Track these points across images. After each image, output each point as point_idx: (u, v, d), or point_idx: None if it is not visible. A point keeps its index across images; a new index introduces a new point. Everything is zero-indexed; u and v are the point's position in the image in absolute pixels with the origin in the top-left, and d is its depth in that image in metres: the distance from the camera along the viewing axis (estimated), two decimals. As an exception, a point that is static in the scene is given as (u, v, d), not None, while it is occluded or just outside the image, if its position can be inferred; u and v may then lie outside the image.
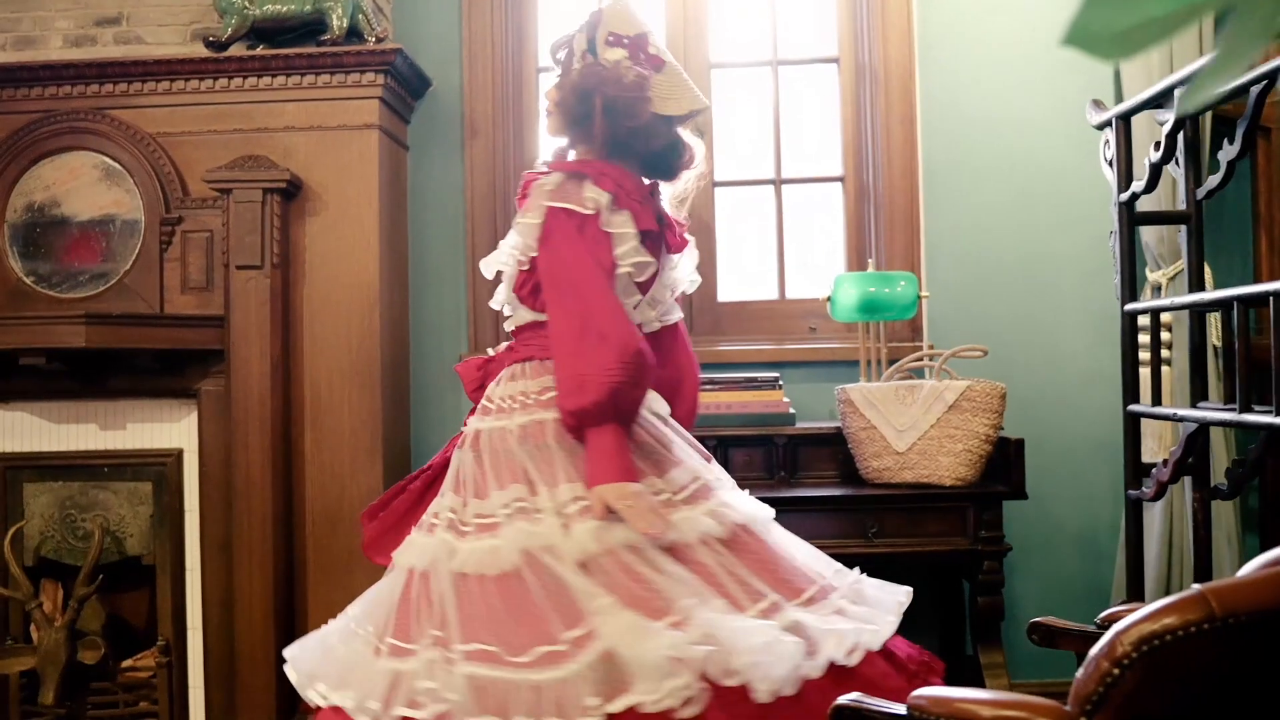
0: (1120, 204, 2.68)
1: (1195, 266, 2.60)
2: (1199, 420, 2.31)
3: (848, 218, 3.86)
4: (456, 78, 3.80)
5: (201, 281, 3.44)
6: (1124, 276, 2.71)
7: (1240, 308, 2.13)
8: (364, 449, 3.44)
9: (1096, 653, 1.42)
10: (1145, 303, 2.71)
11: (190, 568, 3.50)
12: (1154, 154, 2.48)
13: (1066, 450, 3.64)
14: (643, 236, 2.28)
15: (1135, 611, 1.43)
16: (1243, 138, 2.27)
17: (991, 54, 3.72)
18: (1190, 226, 2.55)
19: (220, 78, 3.46)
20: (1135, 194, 2.60)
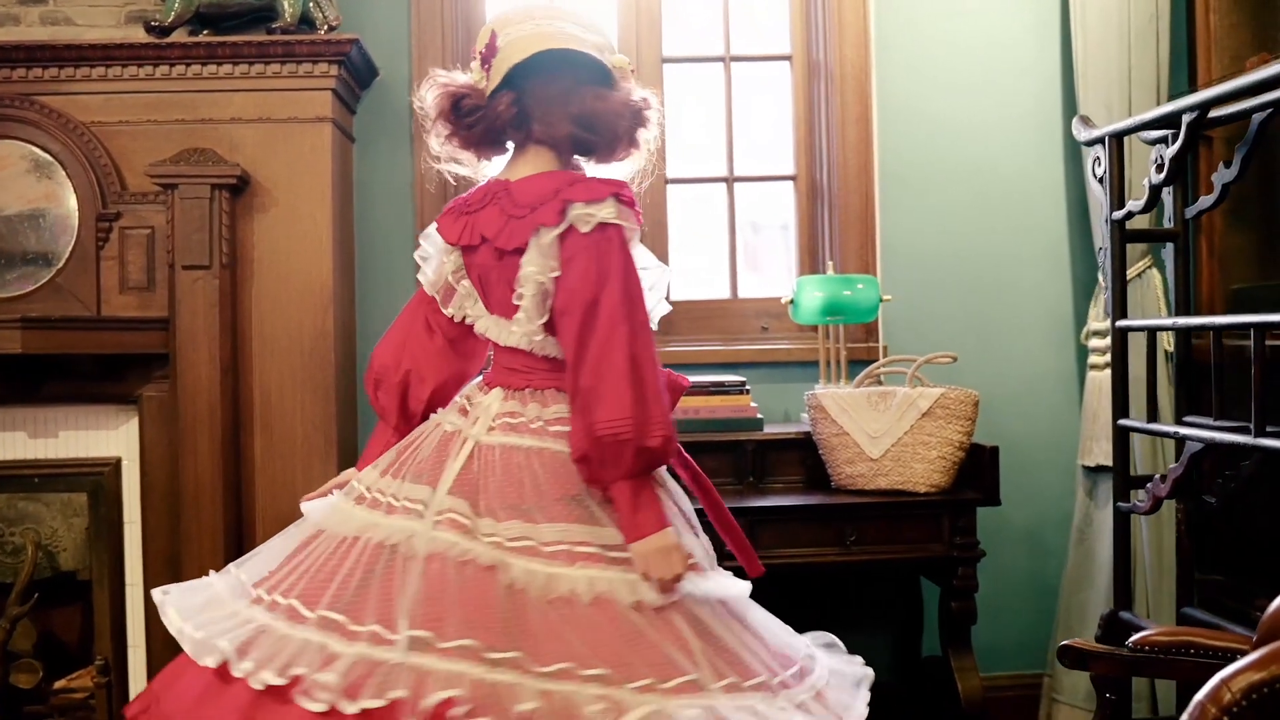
0: (1113, 222, 2.71)
1: (1183, 285, 2.65)
2: (1205, 441, 2.35)
3: (800, 217, 3.85)
4: (405, 68, 3.66)
5: (142, 281, 3.26)
6: (1115, 293, 2.75)
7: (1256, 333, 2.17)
8: (318, 455, 3.30)
9: (1202, 698, 1.43)
10: (1142, 320, 2.75)
11: (131, 583, 3.33)
12: (1155, 175, 2.51)
13: (1016, 449, 3.70)
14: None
15: (1241, 658, 1.44)
16: (1241, 163, 2.32)
17: (949, 55, 3.74)
18: (1178, 245, 2.60)
19: (161, 64, 3.26)
20: (1131, 213, 2.63)
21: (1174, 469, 2.45)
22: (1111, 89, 3.34)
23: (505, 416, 2.16)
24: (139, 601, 3.31)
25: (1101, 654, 2.02)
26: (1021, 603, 3.72)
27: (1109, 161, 2.72)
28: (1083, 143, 2.89)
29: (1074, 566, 3.46)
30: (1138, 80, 3.34)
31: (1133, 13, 3.32)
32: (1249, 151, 2.31)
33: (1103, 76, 3.37)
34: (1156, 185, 2.51)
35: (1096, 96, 3.38)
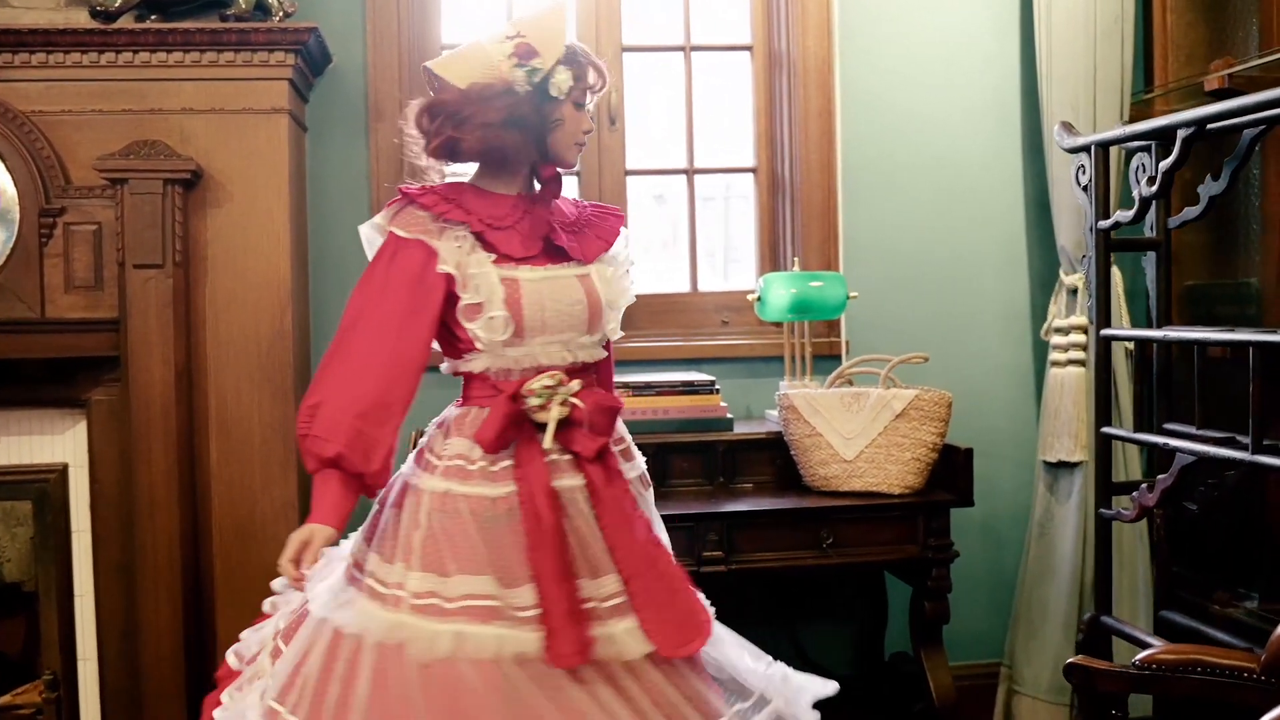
0: (1098, 231, 2.73)
1: (1163, 294, 2.68)
2: (1198, 454, 2.38)
3: (760, 210, 3.82)
4: (359, 55, 3.53)
5: (90, 280, 3.10)
6: (1099, 302, 2.76)
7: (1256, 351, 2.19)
8: (276, 460, 3.20)
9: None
10: (1127, 330, 2.77)
11: (81, 594, 3.20)
12: (1146, 187, 2.52)
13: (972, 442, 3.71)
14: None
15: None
16: (1230, 176, 2.34)
17: (911, 48, 3.72)
18: (1159, 254, 2.62)
19: (108, 51, 3.10)
20: (1119, 223, 2.65)
21: (1163, 479, 2.48)
22: (1079, 89, 3.36)
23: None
24: (89, 613, 3.19)
25: (1110, 672, 2.03)
26: (977, 594, 3.76)
27: (1094, 170, 2.73)
28: (1066, 149, 2.90)
29: (1034, 561, 3.51)
30: (1103, 81, 3.36)
31: (1099, 13, 3.34)
32: (1238, 166, 2.33)
33: (1069, 76, 3.38)
34: (1147, 197, 2.53)
35: (1062, 97, 3.40)
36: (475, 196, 2.27)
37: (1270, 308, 3.17)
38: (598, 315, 2.23)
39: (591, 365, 2.27)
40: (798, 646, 3.61)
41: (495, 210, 2.27)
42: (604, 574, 2.10)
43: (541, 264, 2.22)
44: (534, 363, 2.18)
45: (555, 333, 2.19)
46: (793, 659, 3.61)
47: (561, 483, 2.12)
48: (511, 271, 2.18)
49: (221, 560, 3.18)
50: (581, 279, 2.23)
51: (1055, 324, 3.49)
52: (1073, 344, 3.42)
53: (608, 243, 2.31)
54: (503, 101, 2.18)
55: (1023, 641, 3.49)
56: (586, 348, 2.23)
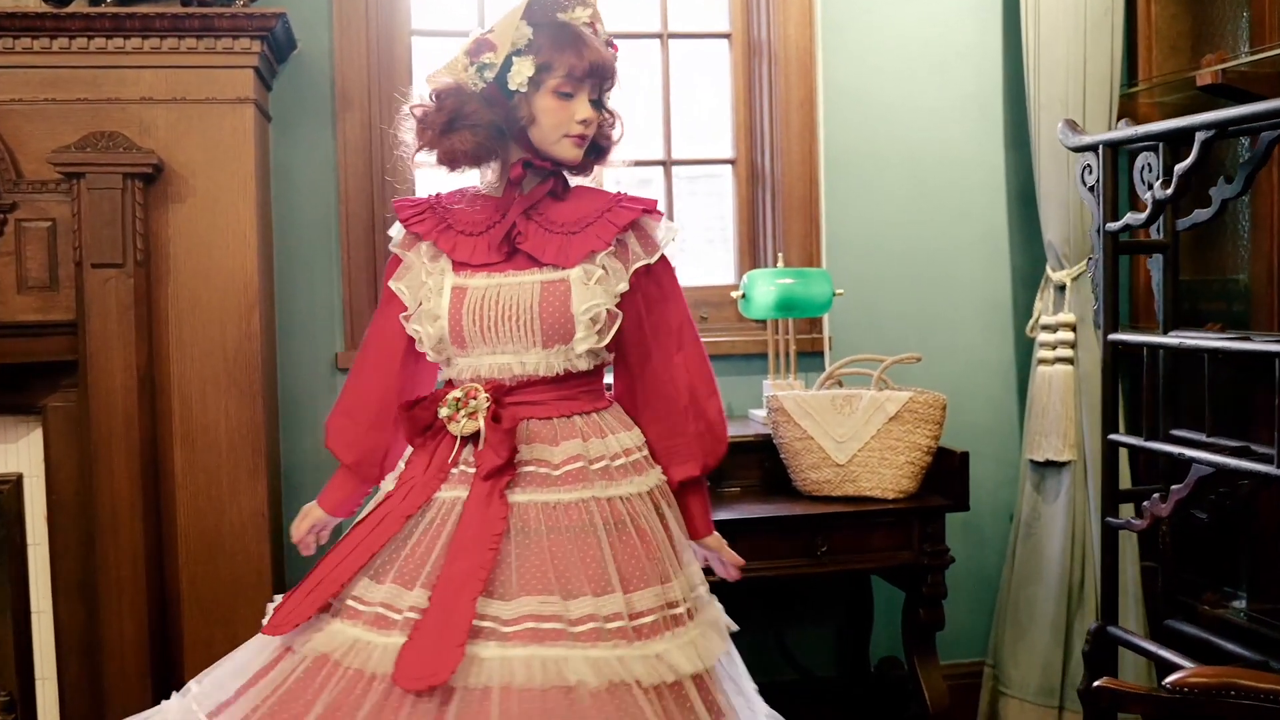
0: (1106, 233, 2.66)
1: (1170, 298, 2.63)
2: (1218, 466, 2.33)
3: (739, 202, 3.72)
4: (326, 40, 3.37)
5: (44, 280, 2.93)
6: (1106, 305, 2.70)
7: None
8: (245, 467, 3.05)
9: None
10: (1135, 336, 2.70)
11: (38, 610, 3.04)
12: (1160, 190, 2.46)
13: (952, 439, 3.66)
14: None
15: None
16: (1245, 179, 2.28)
17: (895, 38, 3.64)
18: (1166, 257, 2.56)
19: (60, 36, 2.91)
20: (1130, 225, 2.58)
21: (1178, 490, 2.43)
22: (1069, 83, 3.30)
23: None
24: (47, 631, 3.03)
25: (1140, 695, 1.97)
26: (958, 592, 3.69)
27: (1102, 171, 2.67)
28: (1071, 148, 2.83)
29: (1021, 562, 3.46)
30: (1093, 74, 3.30)
31: (1089, 5, 3.27)
32: (1254, 169, 2.28)
33: (1058, 69, 3.31)
34: (1162, 200, 2.46)
35: (1051, 90, 3.33)
36: (468, 201, 2.23)
37: (1259, 305, 3.14)
38: (559, 326, 2.07)
39: (560, 379, 2.11)
40: (784, 649, 3.55)
41: (477, 215, 2.19)
42: (513, 595, 1.95)
43: (501, 270, 2.12)
44: (474, 374, 2.12)
45: (501, 344, 2.10)
46: (779, 662, 3.60)
47: (444, 494, 2.07)
48: (465, 279, 2.12)
49: (188, 574, 3.03)
50: (548, 285, 2.08)
51: (1042, 321, 3.44)
52: (1061, 341, 3.37)
53: (605, 242, 2.11)
54: (450, 104, 2.12)
55: (1009, 643, 3.45)
56: (545, 361, 2.09)
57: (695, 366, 2.20)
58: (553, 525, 2.02)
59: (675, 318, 2.20)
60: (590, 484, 2.06)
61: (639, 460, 2.15)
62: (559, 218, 2.16)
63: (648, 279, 2.17)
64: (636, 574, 2.00)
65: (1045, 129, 3.37)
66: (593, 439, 2.11)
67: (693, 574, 2.14)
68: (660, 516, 2.12)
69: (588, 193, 2.22)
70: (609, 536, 2.02)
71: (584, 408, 2.14)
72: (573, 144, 2.15)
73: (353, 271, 3.38)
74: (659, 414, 2.19)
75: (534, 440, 2.09)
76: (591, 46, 2.13)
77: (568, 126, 2.13)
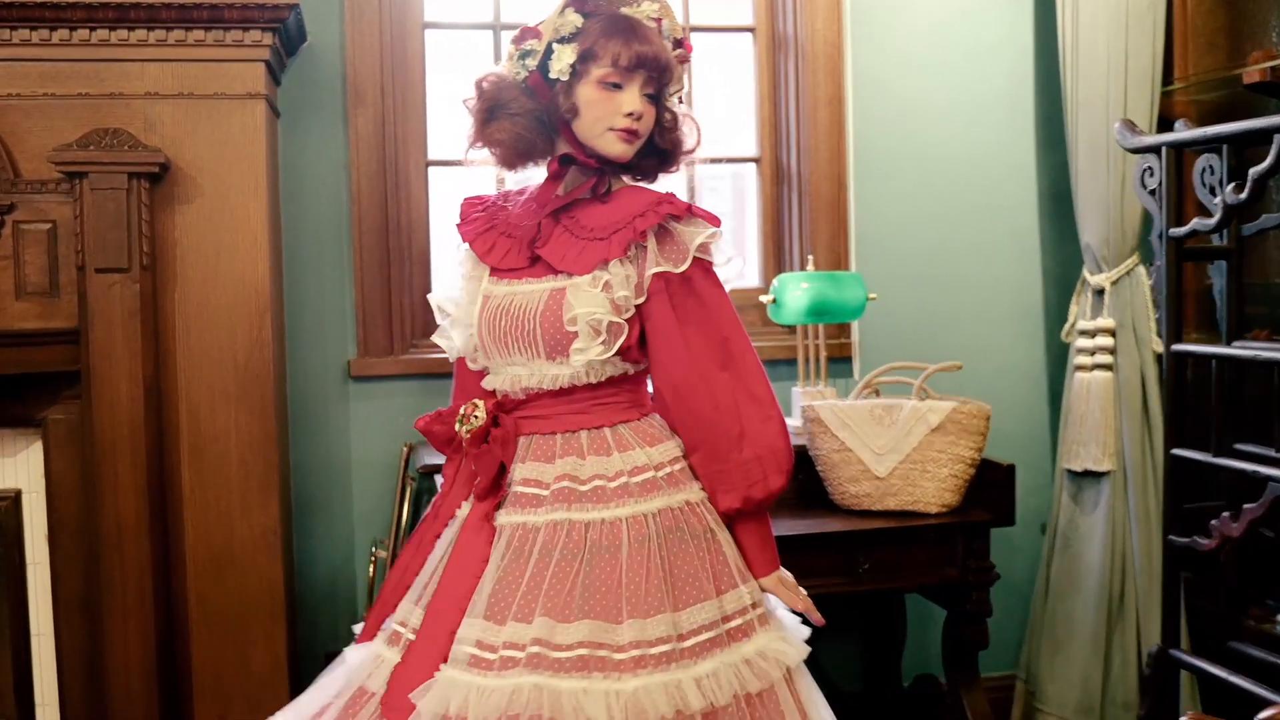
0: (1170, 239, 2.55)
1: (1234, 307, 2.52)
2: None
3: (764, 203, 3.59)
4: (337, 32, 3.22)
5: (44, 285, 2.77)
6: (1170, 315, 2.59)
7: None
8: (256, 481, 2.90)
9: None
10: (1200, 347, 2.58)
11: (38, 633, 2.88)
12: (1232, 194, 2.35)
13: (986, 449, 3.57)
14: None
15: None
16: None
17: (926, 31, 3.51)
18: (1231, 264, 2.45)
19: (60, 28, 2.75)
20: (1196, 231, 2.47)
21: (1252, 509, 2.32)
22: (1110, 81, 3.18)
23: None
24: (48, 654, 2.88)
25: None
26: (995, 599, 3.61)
27: (1165, 174, 2.56)
28: (1130, 150, 2.72)
29: (1058, 574, 3.35)
30: (1134, 71, 3.18)
31: (1130, 1, 3.15)
32: (1332, 174, 2.17)
33: (1097, 67, 3.20)
34: (1234, 205, 2.35)
35: (1090, 88, 3.22)
36: (525, 199, 2.11)
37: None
38: (560, 336, 1.93)
39: (566, 393, 1.97)
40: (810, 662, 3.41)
41: (523, 216, 2.06)
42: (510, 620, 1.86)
43: (520, 276, 2.01)
44: (493, 386, 2.04)
45: (512, 355, 1.99)
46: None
47: (463, 511, 2.03)
48: (492, 286, 2.03)
49: (196, 593, 2.88)
50: (555, 294, 1.95)
51: (1079, 326, 3.33)
52: (1099, 347, 3.26)
53: (620, 249, 1.94)
54: (490, 92, 2.03)
55: (1046, 657, 3.34)
56: (550, 373, 1.96)
57: (745, 386, 1.98)
58: (537, 548, 1.90)
59: (716, 331, 1.98)
60: (569, 506, 1.92)
61: (652, 479, 1.96)
62: (591, 222, 2.01)
63: (681, 288, 1.96)
64: (606, 605, 1.84)
65: (1083, 128, 3.26)
66: (592, 457, 1.96)
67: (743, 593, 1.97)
68: (698, 536, 1.94)
69: (632, 195, 2.04)
70: (584, 562, 1.87)
71: (595, 422, 1.99)
72: (618, 138, 1.99)
73: (365, 275, 3.23)
74: (697, 439, 1.98)
75: (530, 458, 1.98)
76: (644, 38, 1.98)
77: (612, 119, 1.98)
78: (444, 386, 3.26)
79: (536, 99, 2.02)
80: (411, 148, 3.31)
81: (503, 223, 2.09)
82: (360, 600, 3.27)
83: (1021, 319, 3.62)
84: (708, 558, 1.94)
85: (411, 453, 3.17)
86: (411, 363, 3.25)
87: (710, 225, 1.99)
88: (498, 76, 2.05)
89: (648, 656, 1.82)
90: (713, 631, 1.89)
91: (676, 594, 1.88)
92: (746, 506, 1.97)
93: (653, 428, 2.03)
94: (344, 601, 3.28)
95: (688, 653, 1.84)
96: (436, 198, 3.38)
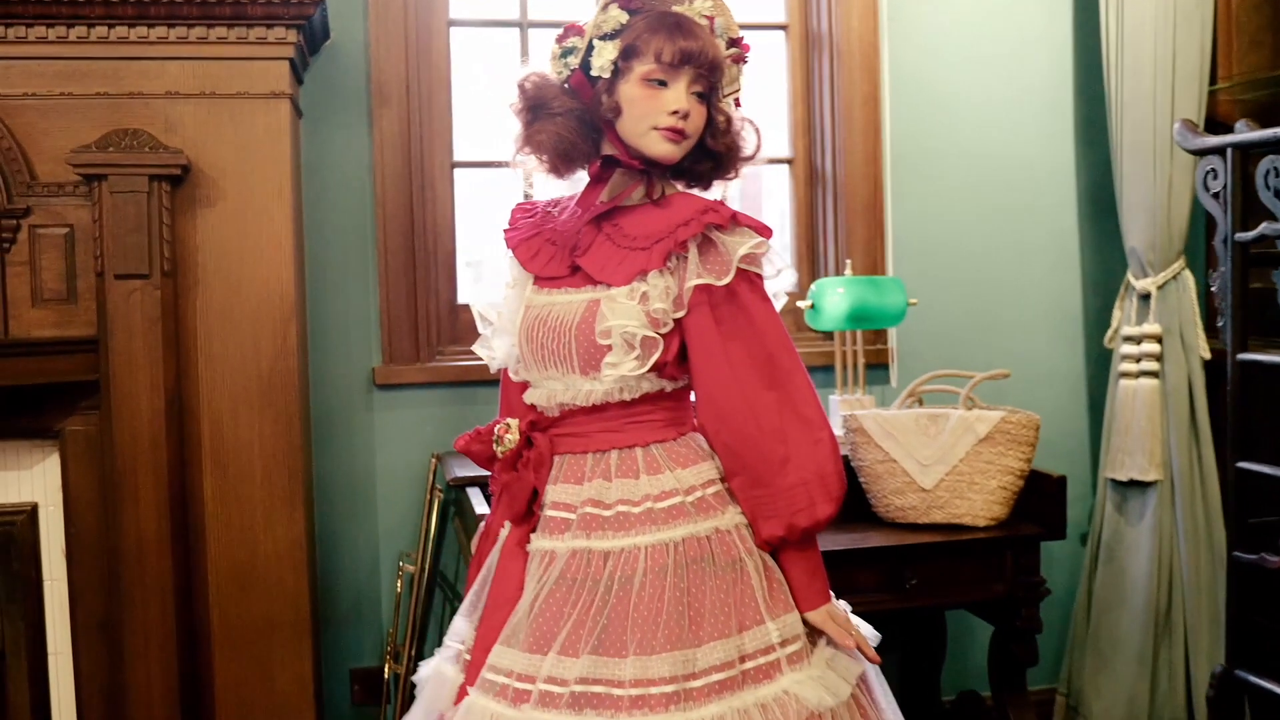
0: (1235, 244, 2.46)
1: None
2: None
3: (796, 206, 3.50)
4: (360, 29, 3.12)
5: (61, 292, 2.67)
6: (1235, 324, 2.49)
7: None
8: (281, 495, 2.80)
9: None
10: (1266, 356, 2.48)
11: (55, 652, 2.79)
12: (1307, 198, 2.26)
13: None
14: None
15: None
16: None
17: (964, 29, 3.42)
18: (1300, 268, 2.37)
19: (78, 24, 2.66)
20: (1265, 236, 2.38)
21: (1327, 529, 2.23)
22: (1156, 80, 3.09)
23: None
24: (66, 674, 2.78)
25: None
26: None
27: (1230, 176, 2.46)
28: (1191, 152, 2.63)
29: (1101, 587, 3.26)
30: (1182, 69, 3.09)
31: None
32: None
33: (1143, 66, 3.10)
34: (1311, 211, 2.26)
35: (1136, 87, 3.12)
36: (572, 206, 1.99)
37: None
38: (594, 349, 1.82)
39: (600, 409, 1.85)
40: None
41: (567, 224, 1.96)
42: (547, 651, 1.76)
43: (560, 286, 1.90)
44: (532, 400, 1.93)
45: (549, 369, 1.88)
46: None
47: (505, 531, 1.94)
48: (534, 295, 1.93)
49: (219, 611, 2.79)
50: (591, 305, 1.84)
51: (1124, 331, 3.24)
52: (1146, 354, 3.17)
53: (659, 259, 1.81)
54: (531, 92, 1.91)
55: (1090, 673, 3.25)
56: (585, 389, 1.84)
57: (792, 406, 1.82)
58: (557, 577, 1.80)
59: (762, 347, 1.83)
60: (590, 534, 1.81)
61: (679, 505, 1.82)
62: (634, 230, 1.88)
63: (725, 301, 1.82)
64: (613, 639, 1.73)
65: (1128, 128, 3.17)
66: (619, 480, 1.84)
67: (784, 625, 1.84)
68: (724, 567, 1.80)
69: (680, 202, 1.91)
70: (603, 594, 1.76)
71: (627, 441, 1.86)
72: (663, 137, 1.85)
73: (390, 279, 3.14)
74: (738, 462, 1.83)
75: (562, 479, 1.88)
76: (692, 33, 1.85)
77: (656, 118, 1.84)
78: (472, 394, 3.18)
79: (579, 99, 1.92)
80: (437, 148, 3.22)
81: (549, 229, 1.99)
82: (386, 615, 3.18)
83: (1060, 323, 3.53)
84: (732, 591, 1.79)
85: (440, 463, 3.08)
86: (438, 370, 3.15)
87: (758, 235, 1.85)
88: (540, 77, 1.94)
89: (649, 696, 1.69)
90: (726, 672, 1.74)
91: (694, 629, 1.75)
92: (790, 536, 1.81)
93: (688, 449, 1.89)
94: (369, 616, 3.18)
95: (696, 694, 1.71)
96: (462, 200, 3.28)
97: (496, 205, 3.42)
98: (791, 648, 1.80)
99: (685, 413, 1.94)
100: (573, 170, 1.98)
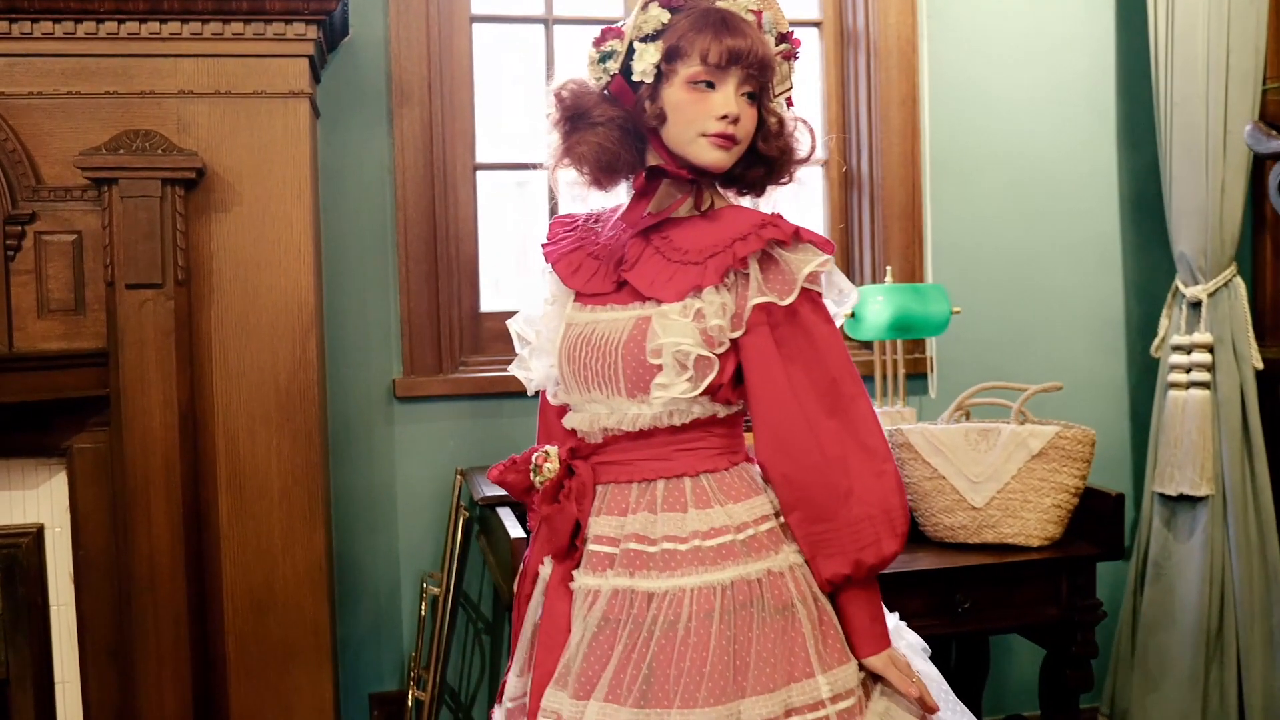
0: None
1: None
2: None
3: (831, 209, 3.37)
4: (380, 25, 2.99)
5: (69, 302, 2.54)
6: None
7: None
8: (299, 515, 2.67)
9: None
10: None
11: (63, 680, 2.65)
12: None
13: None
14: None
15: None
16: None
17: (1005, 27, 3.30)
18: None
19: (86, 20, 2.52)
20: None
21: None
22: (1210, 80, 2.97)
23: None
24: (74, 703, 2.64)
25: None
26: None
27: (1308, 182, 2.35)
28: (1265, 155, 2.51)
29: (1149, 605, 3.15)
30: (1236, 68, 2.97)
31: (1233, -7, 2.95)
32: None
33: (1195, 65, 2.99)
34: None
35: (1187, 87, 3.01)
36: (615, 219, 1.84)
37: None
38: (643, 370, 1.69)
39: (646, 435, 1.72)
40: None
41: (611, 238, 1.83)
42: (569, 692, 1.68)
43: (605, 303, 1.77)
44: (572, 425, 1.80)
45: (593, 391, 1.75)
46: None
47: (545, 570, 1.83)
48: (575, 313, 1.80)
49: (234, 636, 2.66)
50: (640, 323, 1.71)
51: (1173, 340, 3.12)
52: (1196, 364, 3.06)
53: (717, 275, 1.69)
54: (569, 101, 1.79)
55: (1138, 694, 3.13)
56: (630, 413, 1.71)
57: (855, 435, 1.70)
58: (599, 617, 1.69)
59: (825, 372, 1.71)
60: (633, 573, 1.69)
61: (729, 544, 1.69)
62: (685, 243, 1.74)
63: (787, 322, 1.70)
64: (659, 690, 1.62)
65: (1178, 129, 3.06)
66: (665, 513, 1.71)
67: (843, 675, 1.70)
68: (775, 613, 1.68)
69: (734, 215, 1.78)
70: (646, 637, 1.65)
71: (675, 470, 1.73)
72: (712, 144, 1.72)
73: (411, 287, 3.00)
74: (797, 495, 1.70)
75: (605, 510, 1.75)
76: (739, 30, 1.71)
77: (704, 123, 1.71)
78: (497, 407, 3.05)
79: (620, 105, 1.78)
80: (460, 150, 3.08)
81: (591, 243, 1.85)
82: (409, 637, 3.04)
83: (1102, 331, 3.41)
84: (782, 639, 1.67)
85: (464, 480, 2.94)
86: (461, 382, 3.02)
87: (822, 252, 1.71)
88: (577, 84, 1.80)
89: None
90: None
91: (738, 680, 1.62)
92: (856, 573, 1.68)
93: (741, 481, 1.76)
94: (389, 639, 3.05)
95: None
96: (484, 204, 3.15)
97: (520, 211, 3.29)
98: (844, 704, 1.66)
99: (738, 441, 1.80)
100: (615, 182, 1.84)
